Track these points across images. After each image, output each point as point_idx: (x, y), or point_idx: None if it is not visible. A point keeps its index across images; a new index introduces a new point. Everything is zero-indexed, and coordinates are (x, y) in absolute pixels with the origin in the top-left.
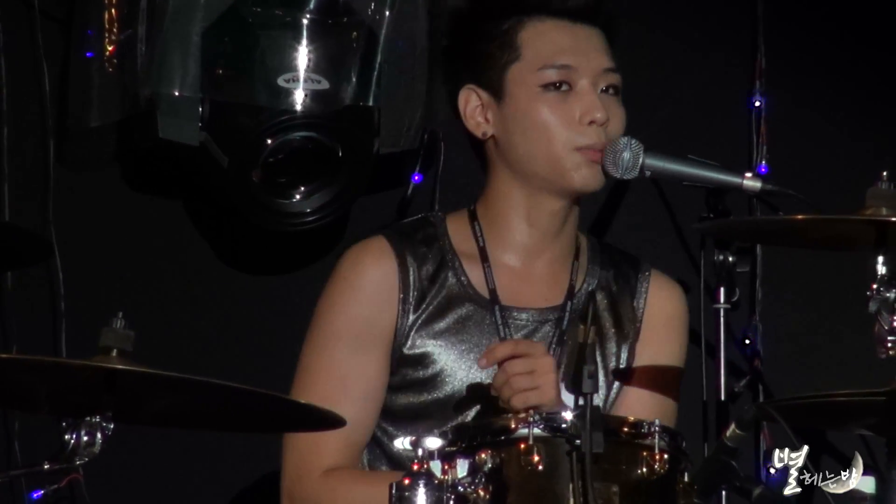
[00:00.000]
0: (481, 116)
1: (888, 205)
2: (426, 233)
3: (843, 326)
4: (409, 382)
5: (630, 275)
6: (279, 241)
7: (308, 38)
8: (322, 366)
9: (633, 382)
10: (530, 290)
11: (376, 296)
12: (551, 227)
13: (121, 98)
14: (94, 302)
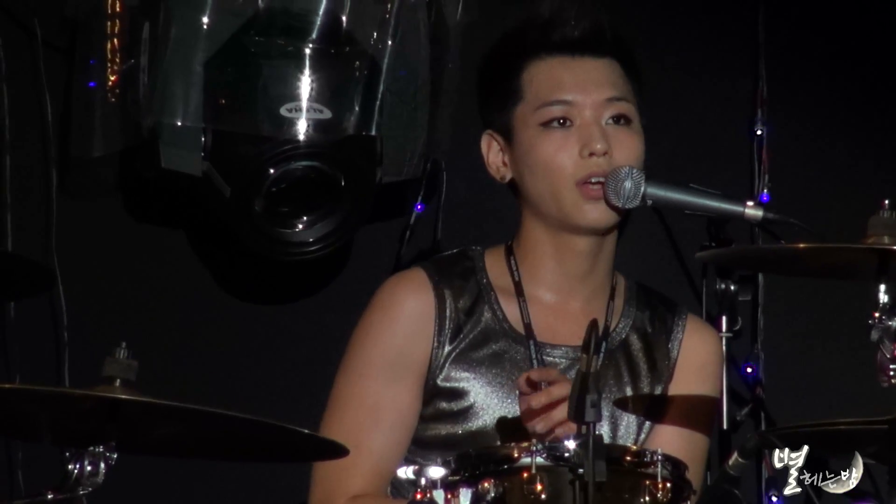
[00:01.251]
0: (500, 161)
1: (890, 233)
2: (464, 266)
3: (846, 355)
4: (441, 414)
5: (666, 317)
6: (282, 271)
7: (310, 67)
8: (354, 394)
9: (666, 420)
10: (565, 328)
11: (411, 326)
12: (580, 266)
13: (123, 128)
14: (96, 331)
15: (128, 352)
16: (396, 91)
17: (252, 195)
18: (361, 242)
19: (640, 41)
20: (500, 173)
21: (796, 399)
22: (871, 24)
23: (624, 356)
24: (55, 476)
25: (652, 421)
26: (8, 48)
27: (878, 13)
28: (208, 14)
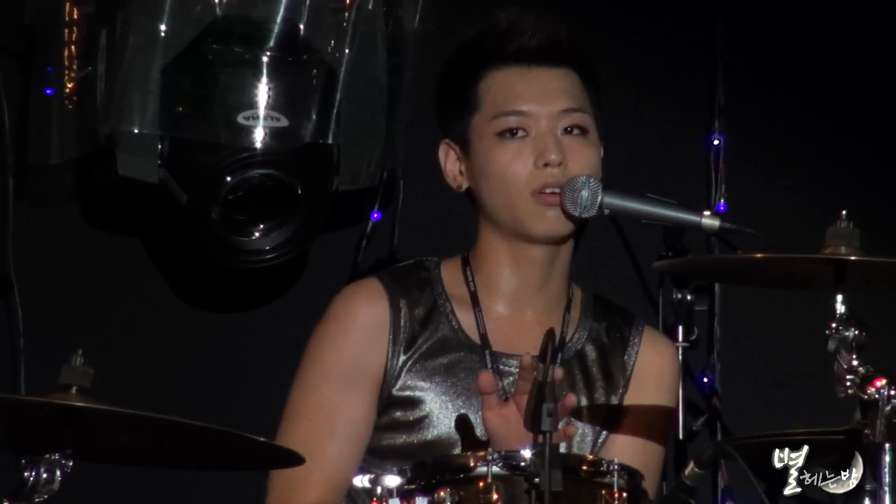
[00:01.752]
0: (457, 170)
1: (847, 244)
2: (419, 277)
3: (802, 365)
4: (397, 423)
5: (623, 329)
6: (238, 279)
7: (268, 75)
8: (310, 404)
9: (622, 430)
10: (521, 338)
11: (366, 336)
12: (535, 275)
13: (80, 135)
14: (53, 339)
15: (84, 359)
16: (353, 99)
17: (209, 203)
18: (318, 250)
19: (598, 51)
20: (456, 182)
21: (752, 409)
22: (827, 36)
23: (579, 367)
24: (11, 484)
25: (608, 431)
26: None
27: (835, 26)
28: (166, 22)
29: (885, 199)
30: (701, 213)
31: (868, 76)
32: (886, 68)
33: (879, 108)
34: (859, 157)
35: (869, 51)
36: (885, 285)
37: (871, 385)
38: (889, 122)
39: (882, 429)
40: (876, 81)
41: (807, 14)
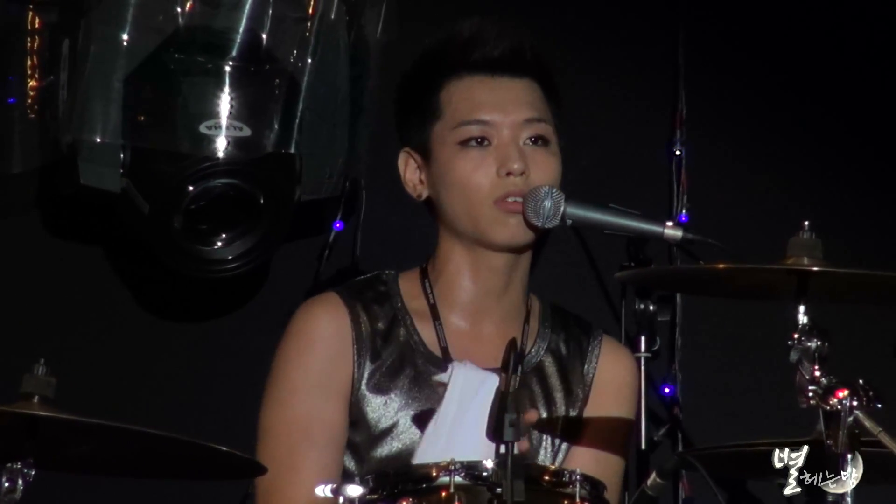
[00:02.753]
0: (417, 179)
1: (809, 254)
2: (378, 291)
3: (764, 375)
4: (360, 436)
5: (581, 339)
6: (200, 288)
7: (230, 85)
8: (285, 419)
9: (582, 442)
10: (480, 350)
11: (331, 349)
12: (495, 284)
13: (42, 144)
14: (14, 348)
15: (46, 368)
16: (316, 109)
17: (171, 212)
18: (280, 260)
19: (561, 62)
20: (416, 191)
21: (714, 419)
22: (788, 48)
23: (538, 379)
24: None
25: (568, 443)
26: None
27: (796, 38)
28: (128, 31)
29: (847, 210)
30: (663, 224)
31: (830, 87)
32: (848, 80)
33: (841, 118)
34: (822, 168)
35: (831, 63)
36: (848, 296)
37: (833, 396)
38: (851, 132)
39: (844, 439)
40: (838, 92)
41: (768, 27)
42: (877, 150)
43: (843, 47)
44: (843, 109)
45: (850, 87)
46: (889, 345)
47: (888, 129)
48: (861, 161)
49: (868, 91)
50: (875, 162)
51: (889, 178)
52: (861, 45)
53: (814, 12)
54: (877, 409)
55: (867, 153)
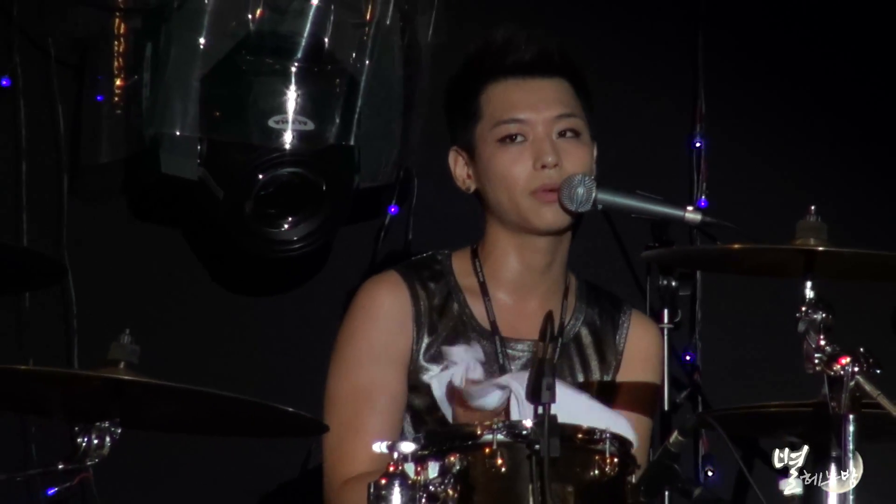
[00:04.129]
0: (465, 174)
1: (815, 236)
2: (433, 269)
3: (775, 344)
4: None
5: (613, 313)
6: (268, 266)
7: (296, 84)
8: (348, 386)
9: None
10: (525, 324)
11: (392, 322)
12: (538, 264)
13: (127, 137)
14: (103, 319)
15: (131, 337)
16: (373, 105)
17: (243, 198)
18: (340, 241)
19: (592, 64)
20: (465, 185)
21: (730, 384)
22: (798, 52)
23: (576, 349)
24: (65, 449)
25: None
26: (25, 65)
27: (805, 43)
28: (205, 35)
29: (850, 197)
30: (684, 208)
31: (836, 88)
32: (851, 80)
33: (844, 115)
34: (827, 160)
35: (837, 65)
36: (850, 273)
37: (836, 363)
38: (853, 127)
39: (846, 402)
40: (842, 92)
41: (780, 34)
42: (876, 143)
43: (849, 51)
44: (846, 107)
45: (853, 87)
46: (887, 317)
47: (886, 126)
48: (862, 152)
49: (871, 90)
50: (874, 154)
51: (887, 169)
52: (867, 48)
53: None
54: (876, 374)
55: (868, 146)
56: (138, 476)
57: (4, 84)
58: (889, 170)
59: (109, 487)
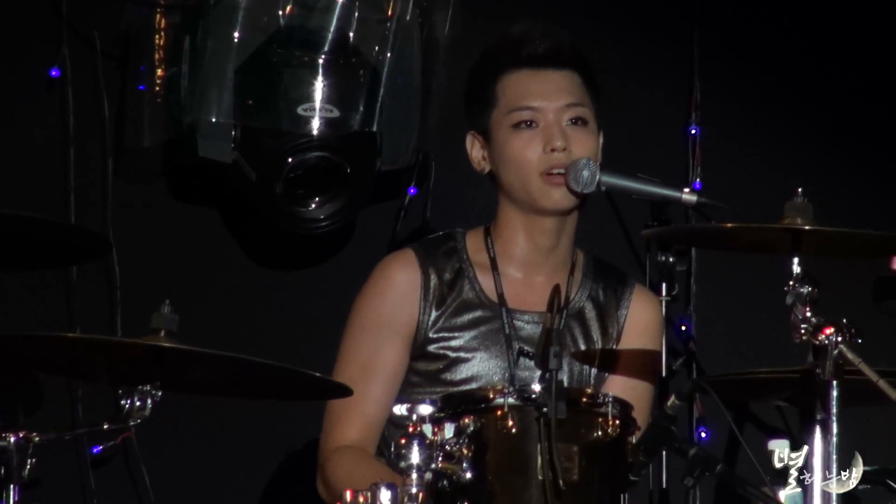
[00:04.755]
0: (480, 157)
1: (802, 216)
2: (448, 246)
3: (764, 316)
4: (430, 367)
5: (617, 288)
6: (297, 243)
7: (323, 74)
8: (352, 353)
9: (617, 372)
10: (532, 297)
11: (399, 296)
12: (546, 241)
13: (167, 123)
14: (144, 291)
15: (171, 308)
16: (394, 95)
17: (273, 180)
18: (363, 220)
19: (595, 58)
20: (480, 166)
21: (723, 352)
22: (788, 46)
23: (579, 322)
24: (110, 410)
25: (606, 373)
26: (73, 57)
27: (795, 38)
28: (239, 30)
29: (834, 180)
30: (681, 190)
31: (821, 81)
32: (838, 74)
33: (829, 106)
34: (813, 146)
35: (822, 60)
36: (834, 250)
37: (821, 333)
38: (837, 117)
39: (830, 368)
40: (828, 84)
41: (772, 28)
42: (858, 131)
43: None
44: (831, 98)
45: (838, 80)
46: (868, 290)
47: (868, 116)
48: (845, 139)
49: (854, 83)
50: (856, 141)
51: (868, 155)
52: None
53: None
54: (858, 343)
55: (851, 134)
56: (177, 435)
57: (54, 75)
58: (869, 155)
59: (150, 445)
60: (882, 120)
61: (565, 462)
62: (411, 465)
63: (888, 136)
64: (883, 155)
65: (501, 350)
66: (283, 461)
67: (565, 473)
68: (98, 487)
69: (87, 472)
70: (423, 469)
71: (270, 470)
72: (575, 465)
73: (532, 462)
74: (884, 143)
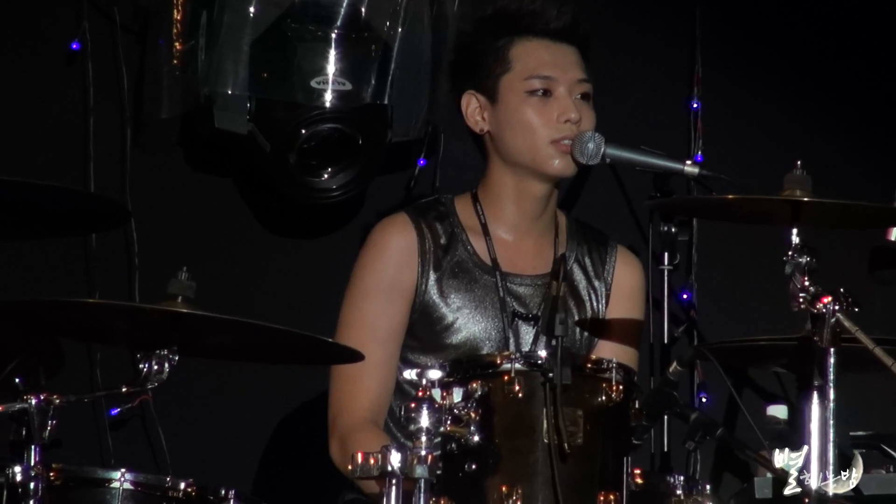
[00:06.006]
0: (479, 116)
1: (801, 187)
2: (438, 211)
3: (764, 285)
4: (428, 329)
5: (600, 249)
6: (310, 212)
7: (336, 48)
8: (355, 316)
9: (606, 337)
10: (522, 260)
11: (399, 258)
12: (535, 208)
13: (184, 95)
14: (162, 258)
15: (188, 274)
16: (404, 68)
17: (287, 151)
18: (374, 189)
19: (601, 34)
20: (478, 126)
21: (723, 320)
22: (787, 22)
23: (568, 284)
24: (128, 373)
25: (596, 338)
26: (93, 31)
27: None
28: (254, 5)
29: (832, 152)
30: (683, 162)
31: (820, 56)
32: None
33: (828, 80)
34: (812, 119)
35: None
36: (832, 221)
37: (819, 301)
38: (835, 91)
39: (828, 336)
40: (826, 59)
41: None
42: (855, 105)
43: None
44: (829, 73)
45: (836, 54)
46: (865, 260)
47: (865, 90)
48: (843, 113)
49: (852, 57)
50: (854, 114)
51: (865, 128)
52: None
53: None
54: (854, 311)
55: (848, 107)
56: (192, 398)
57: (74, 48)
58: (866, 129)
59: (167, 408)
60: (880, 94)
61: (570, 426)
62: (421, 429)
63: (886, 110)
64: (880, 128)
65: (496, 312)
66: (295, 423)
67: (570, 437)
68: (116, 448)
69: (105, 434)
70: (432, 432)
71: (284, 432)
72: (579, 429)
73: (538, 426)
74: (881, 117)
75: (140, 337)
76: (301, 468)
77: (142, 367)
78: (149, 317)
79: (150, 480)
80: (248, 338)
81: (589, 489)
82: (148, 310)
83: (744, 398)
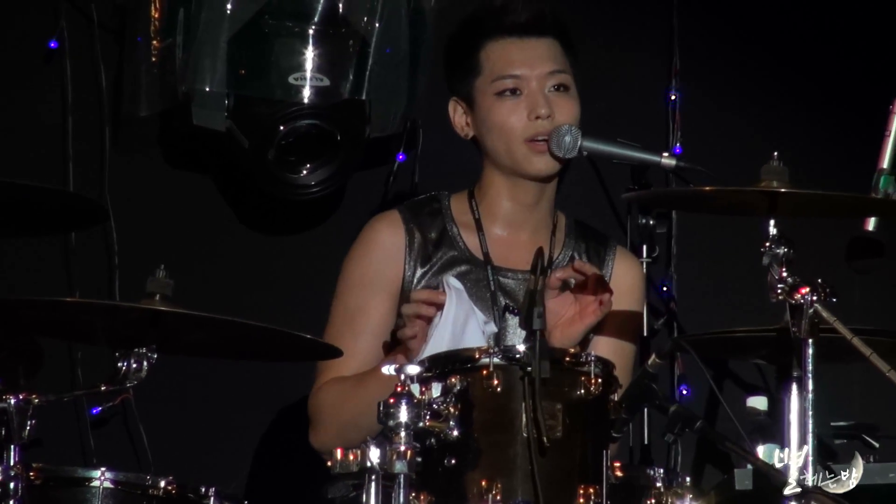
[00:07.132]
0: (464, 122)
1: (778, 179)
2: (433, 207)
3: (742, 276)
4: None
5: (599, 249)
6: (289, 208)
7: (313, 44)
8: (340, 309)
9: (602, 333)
10: (516, 255)
11: (385, 254)
12: (528, 201)
13: (163, 93)
14: (141, 256)
15: (166, 273)
16: (382, 64)
17: (266, 147)
18: (353, 185)
19: (577, 25)
20: (464, 132)
21: (702, 312)
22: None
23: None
24: (108, 372)
25: (592, 334)
26: (70, 29)
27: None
28: (231, 1)
29: (808, 144)
30: (661, 154)
31: (797, 48)
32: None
33: (804, 73)
34: (788, 111)
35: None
36: (809, 212)
37: (797, 292)
38: (811, 84)
39: (806, 327)
40: (803, 52)
41: None
42: (830, 97)
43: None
44: (806, 65)
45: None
46: (842, 250)
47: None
48: (819, 105)
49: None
50: (829, 106)
51: (839, 120)
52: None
53: None
54: (832, 302)
55: (824, 100)
56: (173, 396)
57: (52, 46)
58: (842, 120)
59: (147, 406)
60: (858, 85)
61: (549, 420)
62: (399, 424)
63: (863, 100)
64: (858, 119)
65: (486, 306)
66: (276, 420)
67: (549, 431)
68: (97, 447)
69: (86, 433)
70: (411, 427)
71: (264, 429)
72: (558, 423)
73: (517, 420)
74: (858, 107)
75: (120, 335)
76: (283, 466)
77: (122, 366)
78: (128, 315)
79: (131, 479)
80: (226, 335)
81: (568, 483)
82: (127, 308)
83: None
